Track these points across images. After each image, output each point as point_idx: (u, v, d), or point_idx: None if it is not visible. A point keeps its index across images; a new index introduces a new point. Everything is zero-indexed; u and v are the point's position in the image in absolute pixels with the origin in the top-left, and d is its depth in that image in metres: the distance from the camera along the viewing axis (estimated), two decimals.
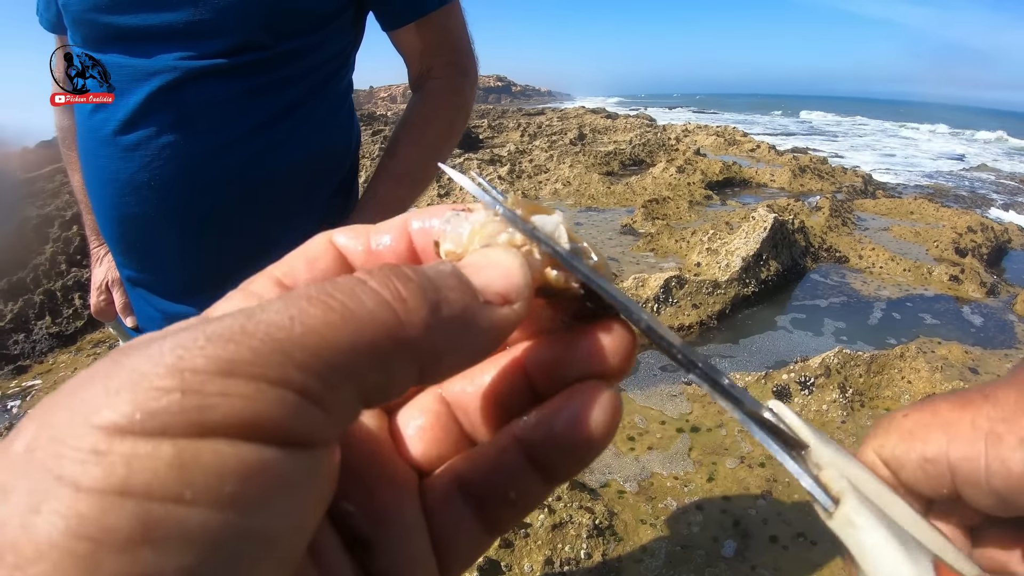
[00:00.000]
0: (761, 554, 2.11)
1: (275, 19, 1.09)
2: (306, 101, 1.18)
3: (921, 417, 0.28)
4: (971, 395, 0.27)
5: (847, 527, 0.26)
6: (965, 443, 0.26)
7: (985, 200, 8.48)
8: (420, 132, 1.27)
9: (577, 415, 0.26)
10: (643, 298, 3.70)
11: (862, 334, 3.82)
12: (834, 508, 0.26)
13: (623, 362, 0.27)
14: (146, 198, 1.12)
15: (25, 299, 3.93)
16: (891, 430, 0.29)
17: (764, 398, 1.18)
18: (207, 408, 0.18)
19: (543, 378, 0.28)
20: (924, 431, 0.27)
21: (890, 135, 23.74)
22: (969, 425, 0.26)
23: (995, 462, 0.25)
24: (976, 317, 4.07)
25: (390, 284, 0.22)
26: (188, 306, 1.24)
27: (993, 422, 0.25)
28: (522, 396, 0.28)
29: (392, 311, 0.21)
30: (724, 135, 10.53)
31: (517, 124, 12.53)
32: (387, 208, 1.25)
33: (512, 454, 0.27)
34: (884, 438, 0.29)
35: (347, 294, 0.21)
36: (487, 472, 0.27)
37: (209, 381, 0.18)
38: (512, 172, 7.38)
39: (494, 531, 0.28)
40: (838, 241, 5.23)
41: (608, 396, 0.26)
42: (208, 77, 1.07)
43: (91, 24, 1.09)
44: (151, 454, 0.17)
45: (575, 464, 0.27)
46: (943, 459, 0.26)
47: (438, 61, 1.27)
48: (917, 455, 0.27)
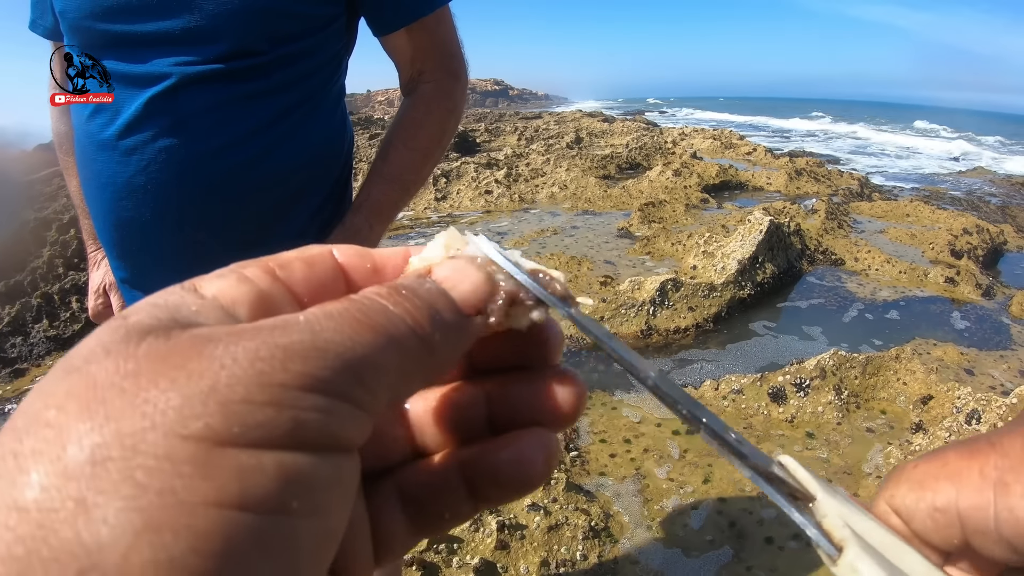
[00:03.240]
0: (757, 555, 2.11)
1: (269, 25, 1.10)
2: (300, 105, 1.19)
3: (930, 468, 0.28)
4: (979, 444, 0.27)
5: (849, 574, 0.26)
6: (974, 493, 0.26)
7: (981, 202, 8.50)
8: (411, 136, 1.28)
9: (520, 457, 0.28)
10: (639, 301, 3.71)
11: (858, 336, 3.83)
12: (838, 556, 0.26)
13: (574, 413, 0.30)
14: (142, 202, 1.12)
15: (23, 302, 3.92)
16: (901, 480, 0.29)
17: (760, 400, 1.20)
18: (302, 423, 0.19)
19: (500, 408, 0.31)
20: (933, 481, 0.28)
21: (887, 138, 23.78)
22: (978, 475, 0.26)
23: (1004, 511, 0.25)
24: (971, 319, 4.08)
25: (407, 309, 0.24)
26: None
27: (1001, 471, 0.25)
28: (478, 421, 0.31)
29: (415, 333, 0.24)
30: (720, 138, 10.55)
31: (514, 128, 12.53)
32: (380, 210, 1.26)
33: (453, 475, 0.30)
34: (895, 488, 0.29)
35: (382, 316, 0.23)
36: (428, 486, 0.30)
37: (300, 398, 0.19)
38: (509, 176, 7.39)
39: (421, 535, 0.30)
40: (834, 243, 5.24)
41: (550, 446, 0.29)
42: (204, 82, 1.09)
43: (88, 31, 1.10)
44: (257, 467, 0.18)
45: (507, 498, 0.29)
46: (952, 509, 0.26)
47: (429, 65, 1.29)
48: (927, 505, 0.27)
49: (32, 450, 0.17)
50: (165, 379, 0.19)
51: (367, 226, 1.24)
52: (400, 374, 0.23)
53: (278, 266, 0.28)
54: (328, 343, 0.21)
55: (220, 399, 0.18)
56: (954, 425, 2.58)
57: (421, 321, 0.24)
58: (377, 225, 1.26)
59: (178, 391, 0.18)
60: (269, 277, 0.27)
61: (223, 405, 0.18)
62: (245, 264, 0.28)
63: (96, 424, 0.17)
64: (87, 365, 0.20)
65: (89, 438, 0.17)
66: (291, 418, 0.19)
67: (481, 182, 7.18)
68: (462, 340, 0.27)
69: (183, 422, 0.18)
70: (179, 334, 0.21)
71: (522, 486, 0.28)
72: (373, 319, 0.23)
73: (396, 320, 0.24)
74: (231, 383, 0.19)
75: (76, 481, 0.16)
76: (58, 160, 1.44)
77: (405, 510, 0.30)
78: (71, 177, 1.36)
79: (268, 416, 0.19)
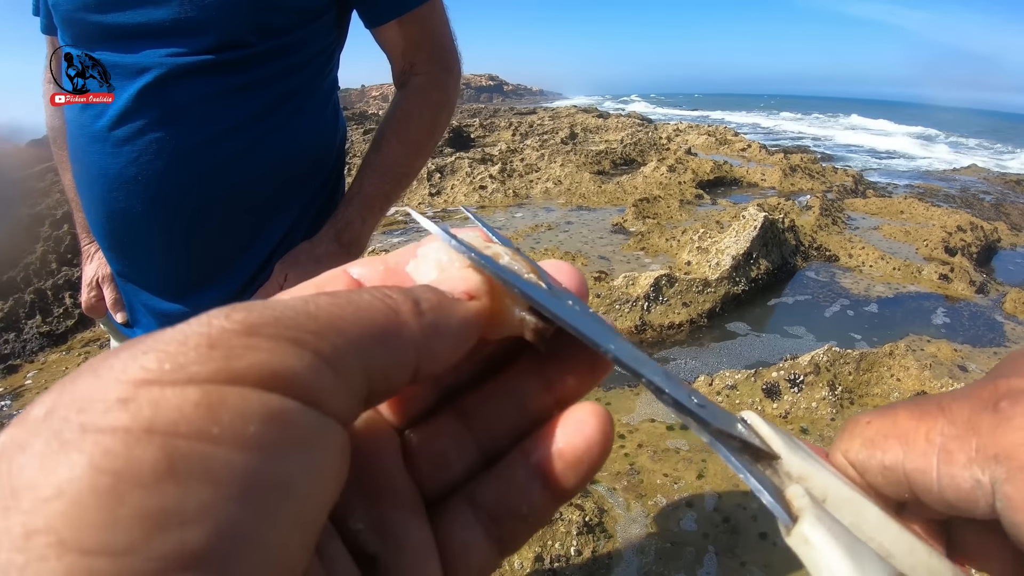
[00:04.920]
0: (751, 551, 2.12)
1: (258, 16, 1.10)
2: (291, 98, 1.19)
3: (882, 426, 0.29)
4: (928, 406, 0.28)
5: (802, 544, 0.26)
6: (919, 456, 0.27)
7: (975, 200, 8.53)
8: (404, 128, 1.28)
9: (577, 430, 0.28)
10: (634, 296, 3.72)
11: (851, 332, 3.84)
12: (792, 525, 0.27)
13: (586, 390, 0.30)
14: (134, 193, 1.12)
15: (16, 298, 3.91)
16: (855, 436, 0.30)
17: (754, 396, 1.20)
18: (234, 357, 0.19)
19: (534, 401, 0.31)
20: (883, 440, 0.28)
21: (882, 135, 23.83)
22: (924, 439, 0.27)
23: (946, 477, 0.26)
24: (965, 315, 4.09)
25: (383, 291, 0.24)
26: (177, 304, 1.24)
27: (946, 438, 0.26)
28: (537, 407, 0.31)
29: (386, 305, 0.24)
30: (715, 134, 10.55)
31: (509, 123, 12.52)
32: (372, 203, 1.26)
33: (521, 471, 0.29)
34: (849, 442, 0.30)
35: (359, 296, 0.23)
36: (498, 490, 0.29)
37: (235, 337, 0.19)
38: (503, 171, 7.38)
39: (505, 549, 0.29)
40: (828, 240, 5.25)
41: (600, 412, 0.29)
42: (194, 74, 1.08)
43: (80, 23, 1.09)
44: (178, 395, 0.18)
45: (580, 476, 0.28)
46: (900, 468, 0.27)
47: (421, 58, 1.29)
48: (877, 462, 0.28)
49: None
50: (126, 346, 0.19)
51: (359, 219, 1.24)
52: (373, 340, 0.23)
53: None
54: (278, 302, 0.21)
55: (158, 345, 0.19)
56: None
57: (393, 295, 0.24)
58: (369, 218, 1.26)
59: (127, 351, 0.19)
60: None
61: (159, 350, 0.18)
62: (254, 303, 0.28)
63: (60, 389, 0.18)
64: None
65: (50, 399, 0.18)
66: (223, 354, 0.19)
67: (475, 177, 7.17)
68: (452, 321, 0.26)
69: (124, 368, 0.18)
70: None
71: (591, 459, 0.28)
72: (349, 296, 0.23)
73: (364, 294, 0.24)
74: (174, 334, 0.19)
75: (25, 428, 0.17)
76: (51, 155, 1.44)
77: (480, 524, 0.29)
78: (65, 171, 1.36)
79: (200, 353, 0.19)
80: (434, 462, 0.29)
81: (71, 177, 1.29)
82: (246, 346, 0.19)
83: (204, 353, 0.18)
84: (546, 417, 0.30)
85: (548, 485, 0.28)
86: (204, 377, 0.18)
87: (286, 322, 0.20)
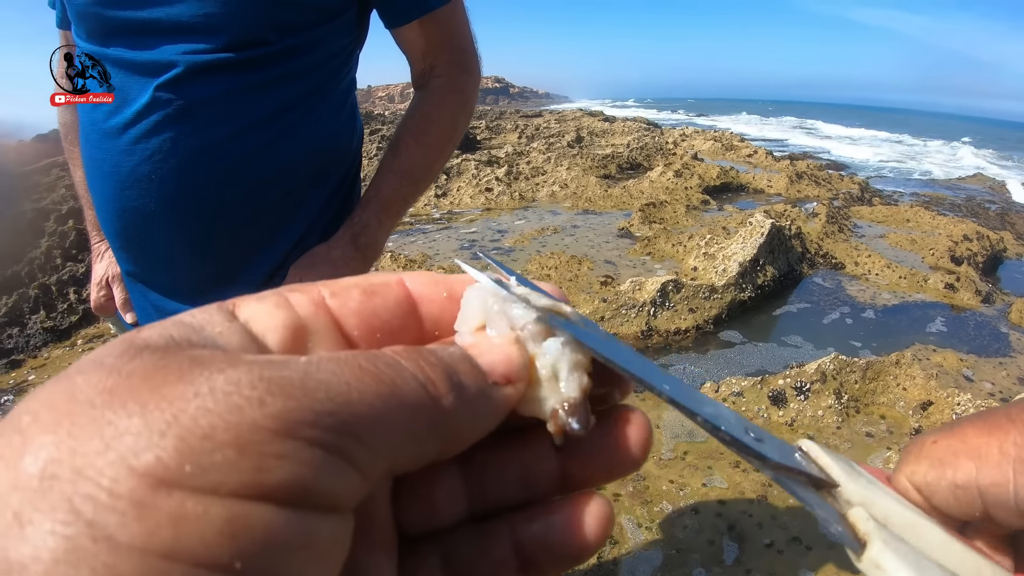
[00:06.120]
0: (756, 558, 2.11)
1: (278, 13, 1.09)
2: (308, 97, 1.18)
3: (950, 444, 0.29)
4: (998, 420, 0.28)
5: (873, 570, 0.26)
6: (994, 470, 0.27)
7: (981, 209, 8.52)
8: (422, 130, 1.27)
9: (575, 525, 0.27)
10: (640, 302, 3.71)
11: (857, 340, 3.83)
12: (861, 551, 0.26)
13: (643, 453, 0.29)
14: (146, 191, 1.11)
15: (20, 293, 3.91)
16: (921, 457, 0.30)
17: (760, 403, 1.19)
18: (264, 469, 0.17)
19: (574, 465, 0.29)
20: (953, 458, 0.28)
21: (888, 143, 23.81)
22: (997, 452, 0.27)
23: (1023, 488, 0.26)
24: (971, 325, 4.08)
25: (421, 366, 0.23)
26: (188, 305, 1.23)
27: (1020, 448, 0.26)
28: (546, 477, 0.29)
29: (426, 391, 0.22)
30: (722, 140, 10.55)
31: (515, 126, 12.52)
32: (389, 205, 1.25)
33: (504, 543, 0.28)
34: (915, 464, 0.30)
35: (391, 368, 0.22)
36: (474, 555, 0.28)
37: (269, 441, 0.18)
38: (509, 174, 7.38)
39: None
40: (834, 247, 5.24)
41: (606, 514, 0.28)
42: (211, 72, 1.07)
43: (96, 18, 1.08)
44: (201, 516, 0.16)
45: (558, 568, 0.28)
46: (973, 485, 0.27)
47: (441, 59, 1.27)
48: (948, 482, 0.28)
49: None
50: (136, 401, 0.17)
51: (376, 221, 1.23)
52: (407, 436, 0.21)
53: (331, 293, 0.26)
54: (320, 384, 0.19)
55: (180, 431, 0.17)
56: None
57: (435, 379, 0.23)
58: (387, 220, 1.25)
59: (143, 416, 0.17)
60: (314, 305, 0.26)
61: (180, 439, 0.17)
62: (293, 288, 0.26)
63: (58, 438, 0.17)
64: (76, 375, 0.19)
65: (46, 451, 0.16)
66: (254, 465, 0.17)
67: (482, 180, 7.17)
68: (486, 409, 0.25)
69: (135, 451, 0.16)
70: (175, 354, 0.20)
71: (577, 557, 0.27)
72: (380, 368, 0.21)
73: (406, 374, 0.22)
74: (197, 415, 0.17)
75: (21, 493, 0.16)
76: (57, 151, 1.43)
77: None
78: (76, 168, 1.35)
79: (227, 459, 0.17)
80: (422, 507, 0.28)
81: (82, 174, 1.28)
82: (278, 455, 0.18)
83: (232, 459, 0.17)
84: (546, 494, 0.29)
85: (526, 568, 0.28)
86: (230, 490, 0.17)
87: (325, 420, 0.19)
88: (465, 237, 5.62)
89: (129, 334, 0.21)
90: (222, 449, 0.17)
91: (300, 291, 0.26)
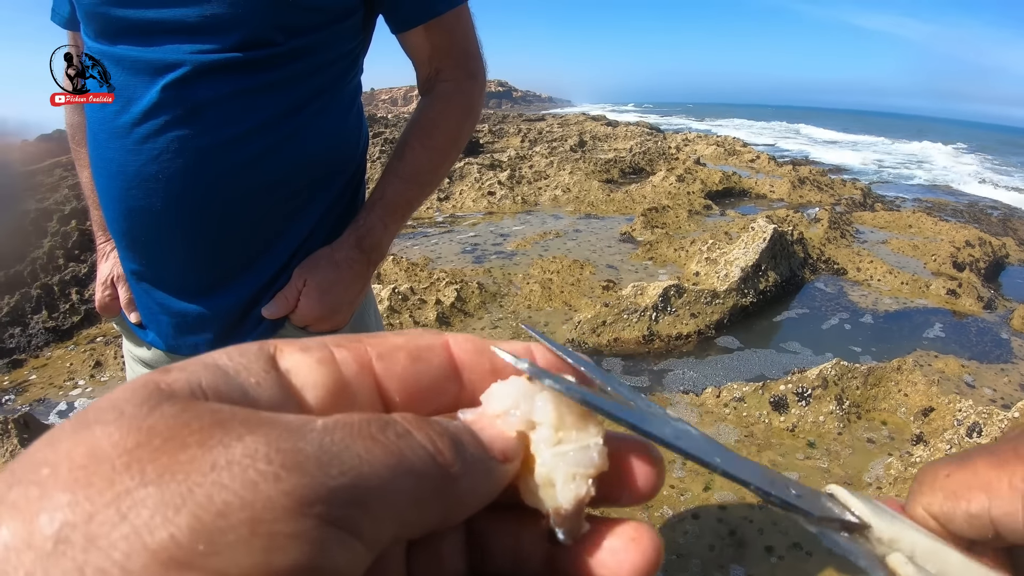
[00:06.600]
0: (757, 564, 2.11)
1: (285, 14, 1.10)
2: (315, 99, 1.18)
3: (963, 478, 0.32)
4: (1006, 454, 0.31)
5: None
6: (1005, 503, 0.30)
7: (983, 215, 8.51)
8: (428, 135, 1.28)
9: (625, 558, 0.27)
10: (642, 306, 3.71)
11: (859, 346, 3.83)
12: None
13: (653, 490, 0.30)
14: (153, 191, 1.11)
15: (22, 292, 3.91)
16: (936, 490, 0.33)
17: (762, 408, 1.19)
18: (275, 550, 0.17)
19: None
20: (967, 491, 0.31)
21: (890, 149, 23.82)
22: (1007, 486, 0.30)
23: None
24: (973, 331, 4.07)
25: (430, 436, 0.23)
26: (193, 304, 1.23)
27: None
28: None
29: (434, 459, 0.23)
30: (724, 145, 10.55)
31: (518, 129, 12.54)
32: (394, 209, 1.26)
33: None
34: (931, 496, 0.33)
35: (400, 438, 0.22)
36: None
37: (282, 520, 0.18)
38: (512, 178, 7.39)
39: None
40: (837, 253, 5.23)
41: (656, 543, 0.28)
42: (218, 72, 1.08)
43: (104, 17, 1.09)
44: None
45: None
46: (986, 515, 0.31)
47: (447, 64, 1.28)
48: (963, 512, 0.31)
49: (13, 503, 0.17)
50: (154, 468, 0.17)
51: (381, 225, 1.24)
52: (413, 504, 0.21)
53: (377, 355, 0.27)
54: (334, 458, 0.20)
55: (195, 508, 0.17)
56: (955, 438, 2.57)
57: (442, 448, 0.23)
58: (391, 224, 1.25)
59: (159, 486, 0.17)
60: (358, 366, 0.26)
61: (195, 516, 0.17)
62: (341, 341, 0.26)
63: (75, 500, 0.17)
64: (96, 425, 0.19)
65: (63, 513, 0.16)
66: (265, 546, 0.17)
67: (484, 183, 7.17)
68: (488, 480, 0.25)
69: (150, 528, 0.16)
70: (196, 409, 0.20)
71: None
72: (389, 438, 0.21)
73: (415, 444, 0.22)
74: (213, 491, 0.17)
75: (35, 555, 0.16)
76: (60, 151, 1.44)
77: None
78: (83, 168, 1.35)
79: (239, 538, 0.17)
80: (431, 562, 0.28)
81: (89, 174, 1.28)
82: (291, 535, 0.18)
83: (244, 539, 0.17)
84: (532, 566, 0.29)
85: None
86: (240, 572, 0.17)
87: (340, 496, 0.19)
88: (467, 241, 5.62)
89: (153, 375, 0.21)
90: (236, 529, 0.17)
91: (346, 348, 0.26)
